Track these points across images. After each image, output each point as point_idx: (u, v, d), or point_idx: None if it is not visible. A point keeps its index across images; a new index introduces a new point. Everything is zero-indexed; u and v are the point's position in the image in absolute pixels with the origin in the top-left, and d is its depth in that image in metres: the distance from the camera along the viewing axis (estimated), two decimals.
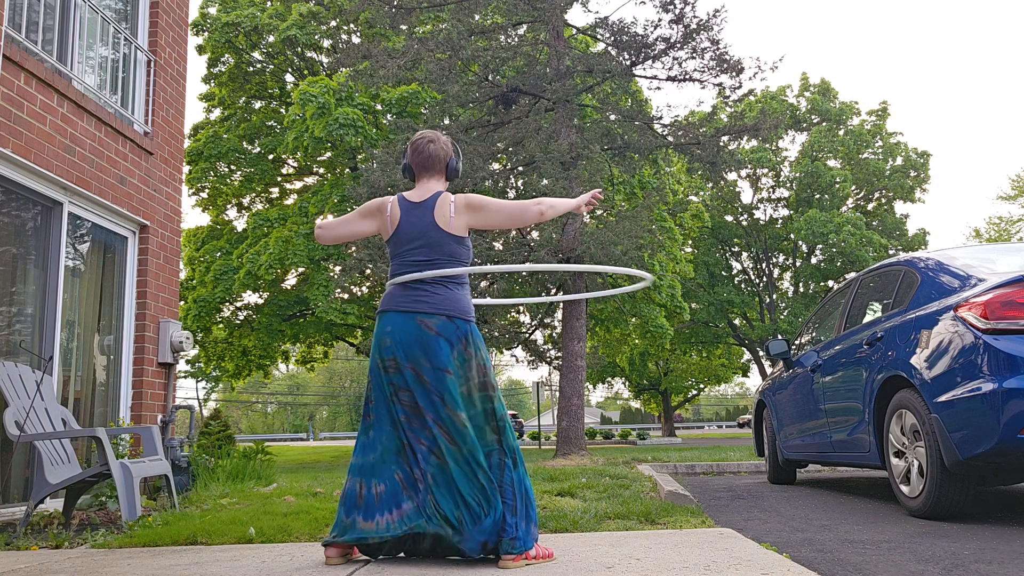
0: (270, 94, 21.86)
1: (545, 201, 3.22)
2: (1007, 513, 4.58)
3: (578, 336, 12.25)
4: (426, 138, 3.28)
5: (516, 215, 3.22)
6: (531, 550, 2.90)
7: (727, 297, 30.68)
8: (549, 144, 11.91)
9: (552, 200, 3.24)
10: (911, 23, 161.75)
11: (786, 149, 32.90)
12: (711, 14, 12.51)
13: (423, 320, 3.05)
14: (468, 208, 3.15)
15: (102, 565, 3.22)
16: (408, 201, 3.19)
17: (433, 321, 3.05)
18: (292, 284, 20.54)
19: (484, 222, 3.19)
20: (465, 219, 3.15)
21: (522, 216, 3.22)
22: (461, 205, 3.14)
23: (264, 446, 7.37)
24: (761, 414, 7.73)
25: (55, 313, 5.67)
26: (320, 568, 2.95)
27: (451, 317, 3.07)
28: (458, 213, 3.13)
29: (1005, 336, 3.95)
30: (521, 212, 3.20)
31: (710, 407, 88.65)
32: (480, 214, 3.16)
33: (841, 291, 6.37)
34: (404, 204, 3.19)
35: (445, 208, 3.13)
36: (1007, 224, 31.31)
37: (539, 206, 3.19)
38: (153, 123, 7.08)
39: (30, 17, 5.86)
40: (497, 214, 3.18)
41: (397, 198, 3.22)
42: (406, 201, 3.19)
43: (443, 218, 3.12)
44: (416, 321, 3.05)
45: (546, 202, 3.21)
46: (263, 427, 73.48)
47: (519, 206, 3.21)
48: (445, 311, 3.06)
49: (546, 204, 3.20)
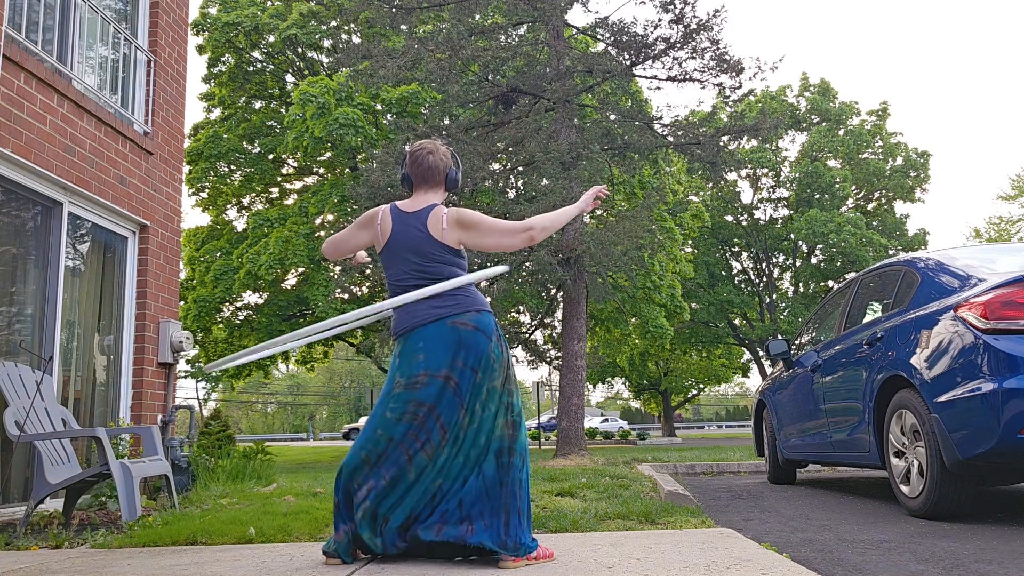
0: (270, 94, 21.86)
1: (536, 223, 3.09)
2: (1007, 513, 4.58)
3: (578, 336, 12.25)
4: (425, 149, 3.23)
5: (504, 240, 3.10)
6: (532, 551, 2.90)
7: (727, 297, 30.68)
8: (549, 144, 11.90)
9: (544, 219, 3.12)
10: (911, 23, 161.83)
11: (786, 149, 32.92)
12: (711, 14, 12.51)
13: (455, 321, 2.99)
14: (459, 224, 3.08)
15: (102, 565, 3.22)
16: (400, 211, 3.15)
17: (467, 317, 3.01)
18: (292, 284, 20.54)
19: (473, 241, 3.10)
20: (457, 235, 3.08)
21: (510, 240, 3.09)
22: (453, 220, 3.07)
23: (264, 446, 7.37)
24: (761, 414, 7.73)
25: (55, 313, 5.67)
26: (320, 568, 2.95)
27: (480, 311, 3.05)
28: (450, 227, 3.07)
29: (1005, 336, 3.94)
30: (510, 235, 3.09)
31: (710, 407, 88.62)
32: (470, 232, 3.08)
33: (841, 291, 6.37)
34: (396, 214, 3.15)
35: (438, 220, 3.07)
36: (1007, 224, 31.31)
37: (530, 231, 3.07)
38: (153, 123, 7.08)
39: (30, 17, 5.86)
40: (487, 237, 3.08)
41: (389, 208, 3.18)
42: (398, 211, 3.15)
43: (436, 229, 3.07)
44: (448, 324, 2.99)
45: (538, 224, 3.09)
46: (263, 427, 73.46)
47: (506, 229, 3.10)
48: (473, 307, 3.03)
49: (538, 227, 3.08)
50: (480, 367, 2.99)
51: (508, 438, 3.00)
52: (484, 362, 2.99)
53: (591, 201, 3.29)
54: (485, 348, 2.99)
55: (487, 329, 3.02)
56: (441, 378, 2.96)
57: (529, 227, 3.09)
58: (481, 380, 2.99)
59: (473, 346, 2.98)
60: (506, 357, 3.08)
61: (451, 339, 2.98)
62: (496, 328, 3.07)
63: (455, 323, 2.99)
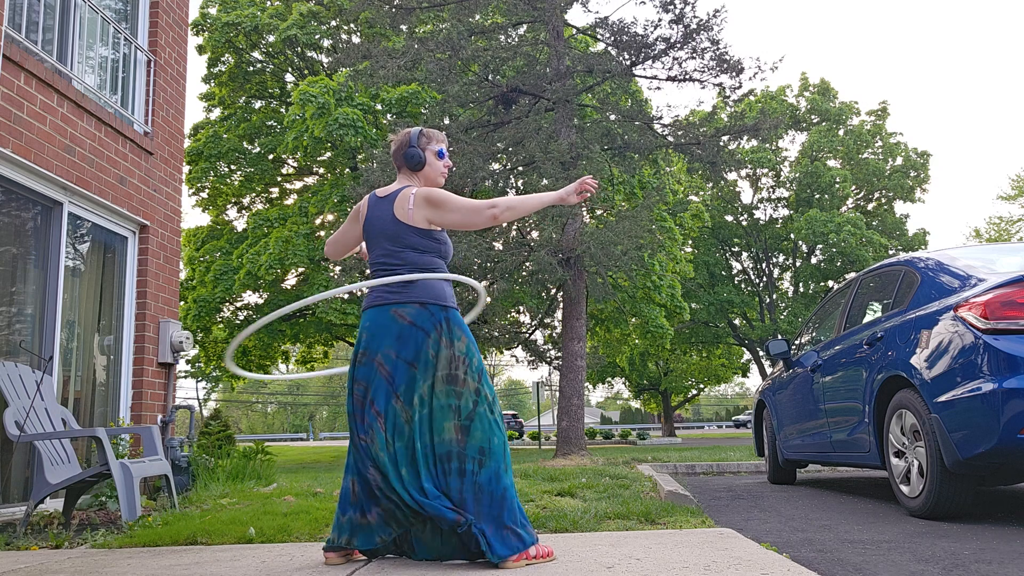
0: (270, 94, 21.87)
1: (501, 203, 3.05)
2: (1007, 513, 4.58)
3: (578, 336, 12.25)
4: (391, 137, 3.34)
5: (469, 218, 3.06)
6: (531, 547, 2.89)
7: (727, 297, 30.68)
8: (549, 144, 11.91)
9: (512, 200, 3.07)
10: (911, 23, 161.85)
11: (786, 149, 32.92)
12: (711, 14, 12.52)
13: (397, 310, 3.00)
14: (427, 202, 3.07)
15: (102, 565, 3.22)
16: (376, 197, 3.22)
17: (406, 310, 2.99)
18: (292, 284, 20.54)
19: (441, 220, 3.08)
20: (424, 213, 3.07)
21: (475, 218, 3.05)
22: (420, 198, 3.08)
23: (264, 446, 7.37)
24: (761, 414, 7.73)
25: (55, 313, 5.67)
26: (320, 568, 2.95)
27: (424, 304, 3.00)
28: (416, 206, 3.07)
29: (1005, 336, 3.94)
30: (473, 213, 3.05)
31: (710, 407, 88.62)
32: (437, 211, 3.07)
33: (841, 291, 6.37)
34: (372, 200, 3.22)
35: (405, 201, 3.09)
36: (1007, 224, 31.32)
37: (492, 209, 3.04)
38: (153, 123, 7.08)
39: (30, 17, 5.86)
40: (453, 213, 3.06)
41: (369, 195, 3.26)
42: (375, 197, 3.22)
43: (402, 211, 3.08)
44: (390, 313, 3.00)
45: (502, 203, 3.05)
46: (263, 427, 73.48)
47: (471, 207, 3.06)
48: (417, 299, 3.00)
49: (501, 206, 3.04)
50: (417, 362, 2.96)
51: (456, 443, 2.89)
52: (422, 357, 2.96)
53: (575, 191, 3.17)
54: (422, 343, 2.96)
55: (425, 324, 2.98)
56: (375, 363, 2.99)
57: (493, 205, 3.06)
58: (418, 375, 2.95)
59: (409, 339, 2.97)
60: (451, 354, 2.96)
61: (391, 328, 2.99)
62: (443, 323, 2.99)
63: (395, 313, 3.00)
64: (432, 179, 3.27)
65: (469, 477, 2.87)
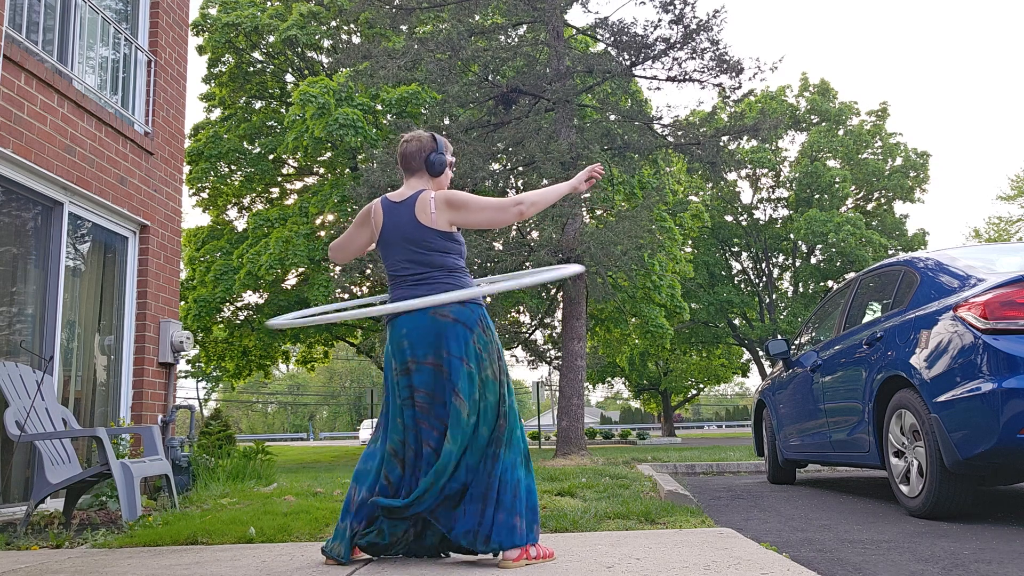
0: (270, 94, 21.86)
1: (526, 198, 3.10)
2: (1007, 513, 4.59)
3: (578, 336, 12.25)
4: (404, 138, 3.28)
5: (496, 216, 3.12)
6: (531, 547, 2.90)
7: (727, 297, 30.67)
8: (549, 144, 11.91)
9: (534, 195, 3.13)
10: (911, 23, 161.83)
11: (786, 149, 32.91)
12: (711, 14, 12.51)
13: (436, 311, 3.00)
14: (448, 205, 3.09)
15: (102, 565, 3.22)
16: (390, 202, 3.18)
17: (448, 309, 3.00)
18: (292, 284, 20.55)
19: (465, 220, 3.11)
20: (447, 216, 3.08)
21: (502, 216, 3.12)
22: (441, 202, 3.09)
23: (264, 446, 7.37)
24: (761, 414, 7.73)
25: (55, 313, 5.67)
26: (320, 568, 2.96)
27: (463, 303, 3.03)
28: (439, 210, 3.08)
29: (1005, 336, 3.95)
30: (500, 211, 3.10)
31: (710, 407, 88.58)
32: (461, 212, 3.09)
33: (841, 291, 6.37)
34: (387, 205, 3.18)
35: (426, 205, 3.09)
36: (1007, 224, 31.32)
37: (519, 206, 3.08)
38: (153, 123, 7.08)
39: (30, 17, 5.86)
40: (478, 213, 3.10)
41: (380, 200, 3.22)
42: (388, 202, 3.18)
43: (424, 215, 3.07)
44: (429, 314, 3.00)
45: (527, 199, 3.10)
46: (263, 427, 73.45)
47: (497, 205, 3.11)
48: (456, 298, 3.02)
49: (527, 202, 3.10)
50: (468, 357, 2.98)
51: (499, 428, 2.98)
52: (471, 353, 2.98)
53: (584, 180, 3.26)
54: (468, 339, 2.99)
55: (468, 321, 3.01)
56: (429, 365, 2.99)
57: (519, 202, 3.10)
58: (473, 370, 2.97)
59: (457, 337, 2.98)
60: (495, 346, 3.05)
61: (431, 329, 2.99)
62: (480, 319, 3.05)
63: (435, 314, 3.00)
64: (443, 184, 3.30)
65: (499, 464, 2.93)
